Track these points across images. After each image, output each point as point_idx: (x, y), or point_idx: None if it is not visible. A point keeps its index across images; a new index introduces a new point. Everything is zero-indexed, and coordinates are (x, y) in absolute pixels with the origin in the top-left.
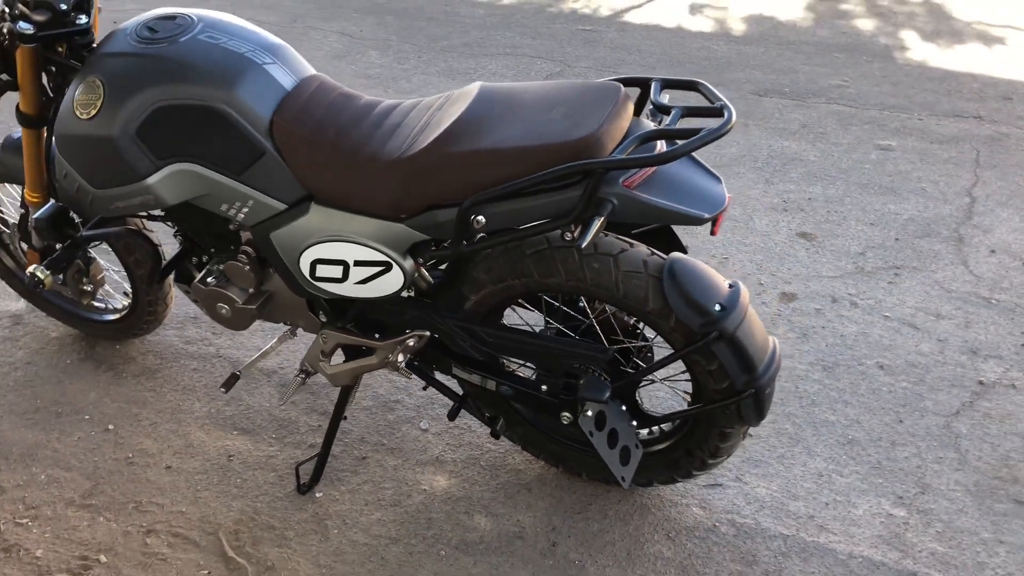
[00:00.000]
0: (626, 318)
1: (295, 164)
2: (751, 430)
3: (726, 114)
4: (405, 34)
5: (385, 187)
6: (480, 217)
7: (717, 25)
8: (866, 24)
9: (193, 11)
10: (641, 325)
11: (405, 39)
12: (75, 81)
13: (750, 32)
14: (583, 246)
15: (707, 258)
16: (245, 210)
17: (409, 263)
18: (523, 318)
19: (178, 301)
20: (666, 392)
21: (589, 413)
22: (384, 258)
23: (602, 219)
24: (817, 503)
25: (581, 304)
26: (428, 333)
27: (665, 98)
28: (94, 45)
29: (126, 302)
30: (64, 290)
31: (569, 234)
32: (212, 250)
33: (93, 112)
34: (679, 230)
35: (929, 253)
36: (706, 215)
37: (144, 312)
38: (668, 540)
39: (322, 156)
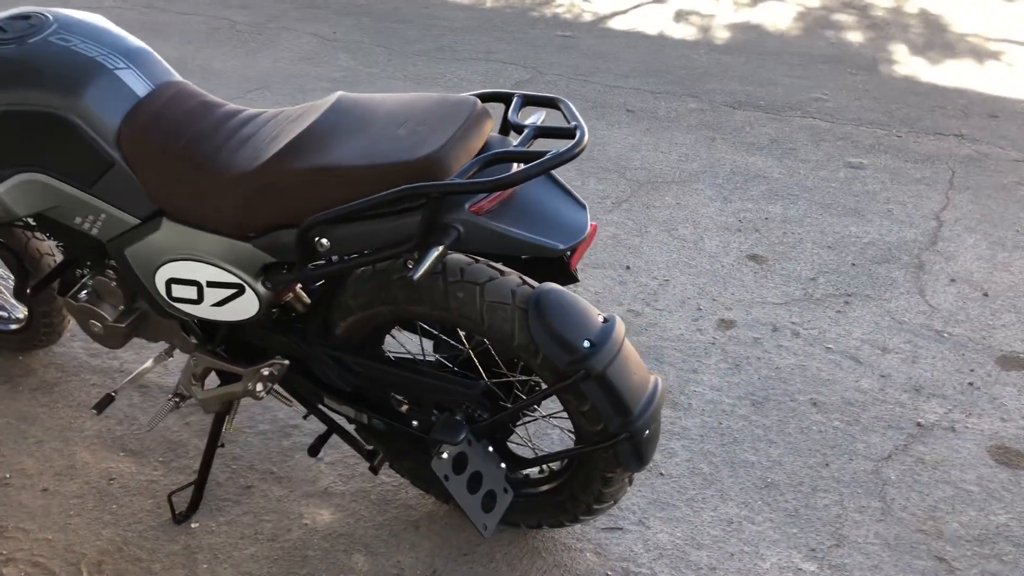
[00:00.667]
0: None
1: (145, 176)
2: (659, 469)
3: (578, 135)
4: (379, 37)
5: (230, 204)
6: (324, 240)
7: (700, 33)
8: (856, 35)
9: (52, 10)
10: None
11: (378, 42)
12: None
13: (733, 41)
14: (416, 278)
15: (647, 280)
16: (99, 224)
17: (261, 286)
18: (404, 346)
19: None
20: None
21: (444, 455)
22: (236, 280)
23: (440, 249)
24: (722, 553)
25: (462, 334)
26: (287, 361)
27: (540, 117)
28: None
29: (26, 311)
30: None
31: (411, 263)
32: (88, 263)
33: None
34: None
35: (885, 280)
36: (561, 246)
37: (40, 324)
38: None
39: (171, 169)
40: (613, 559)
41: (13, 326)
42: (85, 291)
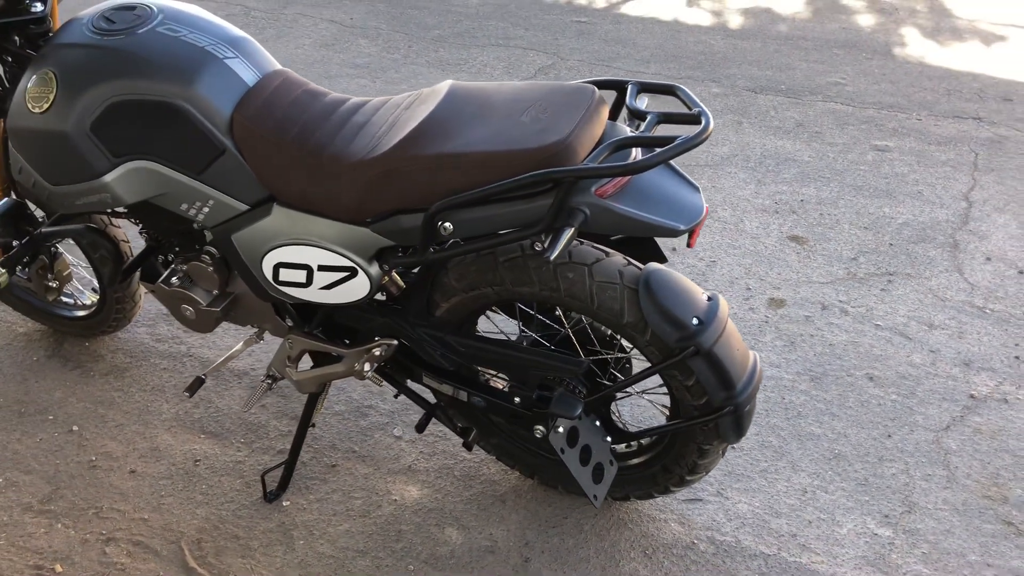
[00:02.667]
0: (603, 329)
1: (256, 163)
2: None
3: (703, 121)
4: (396, 23)
5: (349, 189)
6: (447, 224)
7: (714, 19)
8: (866, 20)
9: (155, 1)
10: (619, 336)
11: (396, 28)
12: (28, 72)
13: (747, 26)
14: (552, 258)
15: (694, 261)
16: (206, 210)
17: (375, 269)
18: (497, 325)
19: (149, 298)
20: (646, 404)
21: (560, 429)
22: (349, 263)
23: (572, 230)
24: (800, 521)
25: (557, 313)
26: (395, 342)
27: (643, 103)
28: (50, 35)
29: (95, 298)
30: (30, 286)
31: (539, 245)
32: (177, 249)
33: (46, 106)
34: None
35: (924, 259)
36: (682, 226)
37: (112, 310)
38: (645, 557)
39: (284, 155)
40: (697, 528)
41: (80, 312)
42: (176, 276)
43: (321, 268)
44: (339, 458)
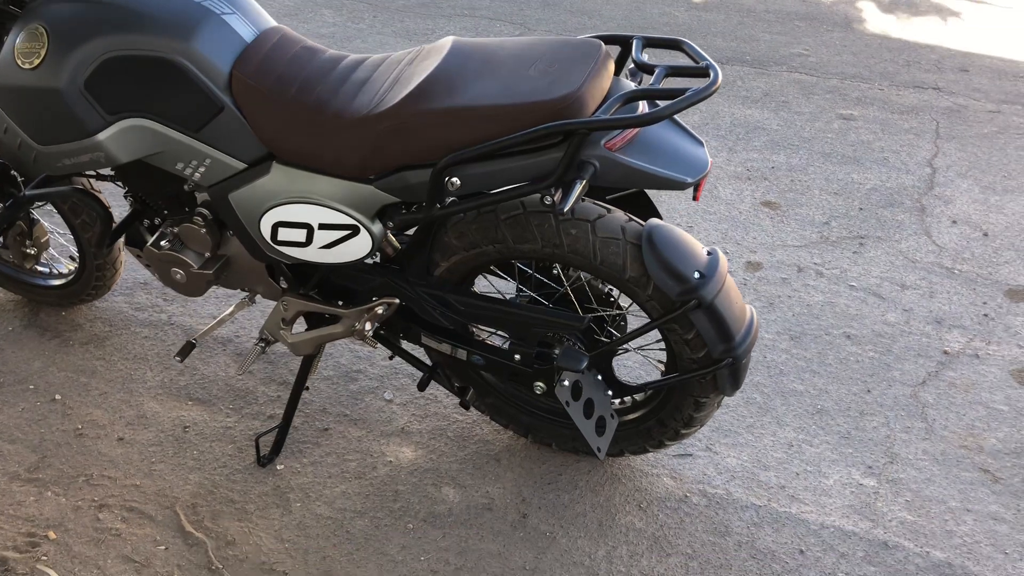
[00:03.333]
0: (600, 286)
1: (255, 121)
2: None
3: (712, 74)
4: None
5: (352, 146)
6: (455, 179)
7: None
8: None
9: None
10: (616, 293)
11: None
12: (15, 28)
13: None
14: (565, 210)
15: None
16: (202, 169)
17: (378, 227)
18: (494, 285)
19: (127, 265)
20: (637, 360)
21: (566, 383)
22: (351, 221)
23: (584, 182)
24: (788, 473)
25: (555, 271)
26: (397, 301)
27: (645, 57)
28: None
29: (72, 266)
30: (5, 253)
31: (549, 198)
32: (165, 212)
33: (36, 62)
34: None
35: (893, 223)
36: (689, 179)
37: (92, 277)
38: (640, 511)
39: (284, 112)
40: (689, 482)
41: (56, 281)
42: (166, 239)
43: (322, 227)
44: (331, 422)
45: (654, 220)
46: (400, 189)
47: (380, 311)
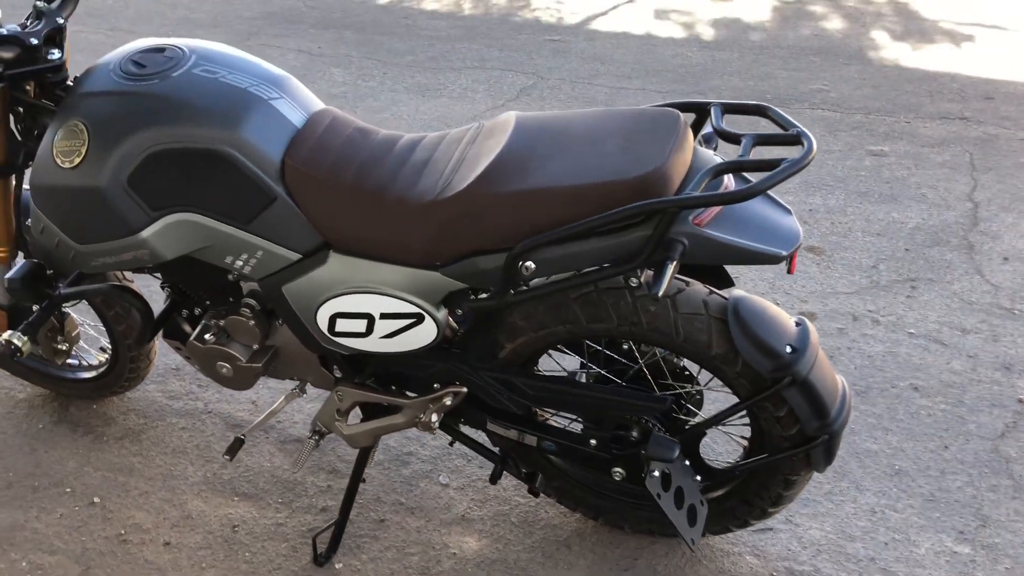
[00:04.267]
0: (676, 360)
1: (311, 210)
2: None
3: (806, 143)
4: (365, 49)
5: (418, 232)
6: (529, 263)
7: (686, 31)
8: (835, 24)
9: (183, 41)
10: (693, 367)
11: (366, 55)
12: (52, 126)
13: (721, 37)
14: (659, 294)
15: None
16: (253, 262)
17: (443, 314)
18: (558, 363)
19: (159, 350)
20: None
21: (655, 474)
22: (415, 310)
23: (675, 263)
24: (876, 543)
25: (625, 346)
26: (465, 389)
27: (725, 124)
28: (68, 83)
29: (103, 358)
30: (34, 348)
31: (636, 280)
32: (207, 302)
33: (77, 160)
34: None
35: (942, 263)
36: (784, 252)
37: (125, 369)
38: None
39: (342, 200)
40: (773, 559)
41: (87, 374)
42: (210, 332)
43: (383, 316)
44: (387, 512)
45: (737, 291)
46: (469, 275)
47: (449, 401)
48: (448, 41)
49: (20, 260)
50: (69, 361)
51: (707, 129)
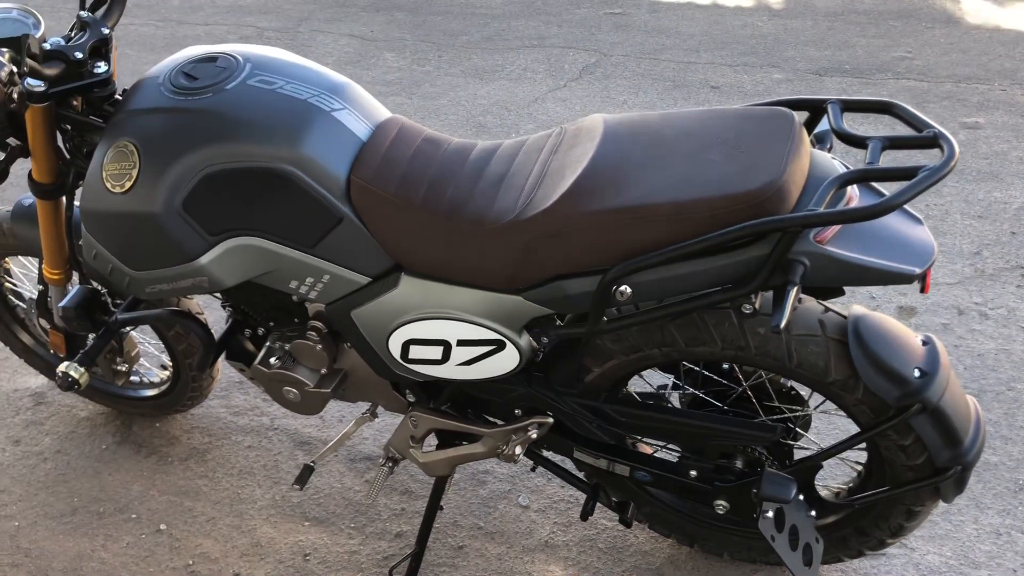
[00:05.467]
0: (782, 381)
1: (380, 231)
2: None
3: (946, 146)
4: (420, 31)
5: (498, 255)
6: (625, 287)
7: None
8: None
9: (237, 49)
10: (799, 387)
11: (421, 37)
12: (101, 146)
13: (791, 4)
14: (781, 326)
15: None
16: (319, 286)
17: (525, 340)
18: (649, 384)
19: (221, 366)
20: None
21: (768, 514)
22: (495, 336)
23: (797, 287)
24: (1003, 570)
25: (725, 367)
26: (551, 419)
27: (845, 124)
28: (117, 97)
29: (164, 375)
30: (96, 370)
31: (750, 307)
32: (271, 323)
33: (128, 184)
34: None
35: None
36: (917, 270)
37: (188, 387)
38: None
39: (413, 220)
40: None
41: (149, 392)
42: (275, 356)
43: (461, 343)
44: (465, 537)
45: (858, 308)
46: (554, 301)
47: (534, 432)
48: (504, 19)
49: (75, 282)
50: (131, 379)
51: (822, 126)
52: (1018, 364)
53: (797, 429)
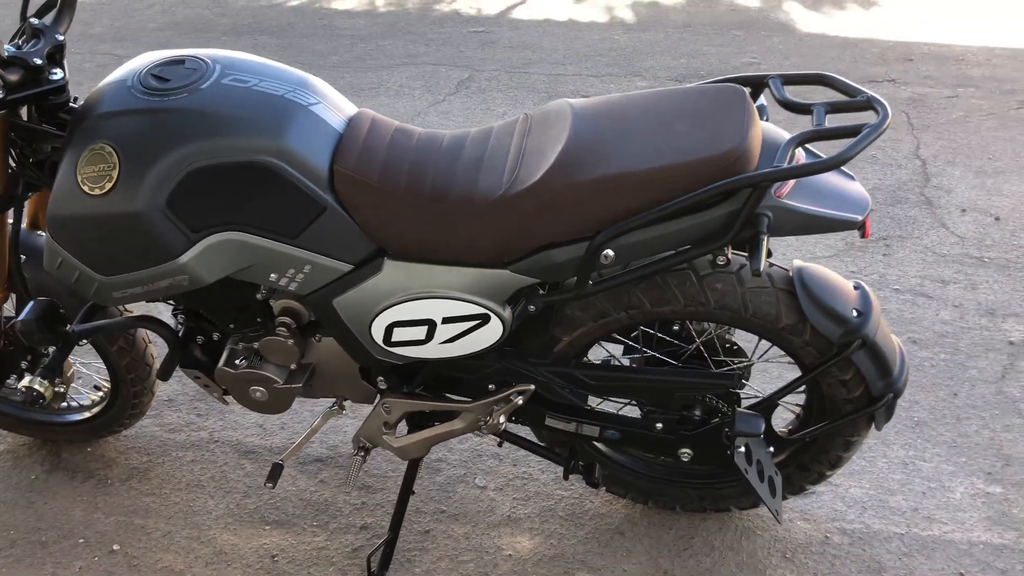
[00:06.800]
0: (728, 336)
1: (365, 217)
2: None
3: (880, 109)
4: (287, 53)
5: (488, 230)
6: (608, 251)
7: (607, 14)
8: (748, 0)
9: (200, 52)
10: (739, 342)
11: (289, 59)
12: (71, 152)
13: (643, 19)
14: (761, 269)
15: None
16: (300, 277)
17: (508, 312)
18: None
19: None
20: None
21: (741, 450)
22: (480, 311)
23: (767, 235)
24: (914, 494)
25: (675, 327)
26: (532, 387)
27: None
28: (71, 104)
29: (96, 396)
30: (12, 394)
31: (723, 258)
32: (231, 326)
33: (108, 185)
34: None
35: (907, 220)
36: (859, 217)
37: (128, 405)
38: (787, 561)
39: (399, 203)
40: (823, 521)
41: (81, 415)
42: (240, 356)
43: (446, 320)
44: (429, 522)
45: (798, 262)
46: (541, 270)
47: (519, 399)
48: (370, 39)
49: (12, 299)
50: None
51: (760, 102)
52: (896, 321)
53: (743, 379)
